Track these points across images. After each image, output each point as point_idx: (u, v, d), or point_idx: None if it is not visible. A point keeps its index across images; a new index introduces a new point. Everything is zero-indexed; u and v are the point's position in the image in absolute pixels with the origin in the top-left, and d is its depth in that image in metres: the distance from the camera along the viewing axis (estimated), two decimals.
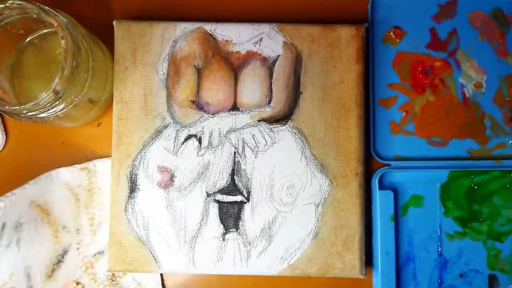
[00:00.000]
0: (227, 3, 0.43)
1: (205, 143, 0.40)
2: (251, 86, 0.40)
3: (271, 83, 0.40)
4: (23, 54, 0.39)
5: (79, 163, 0.42)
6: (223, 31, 0.40)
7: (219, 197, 0.39)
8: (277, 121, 0.40)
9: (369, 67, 0.42)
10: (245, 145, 0.39)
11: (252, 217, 0.39)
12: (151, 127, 0.40)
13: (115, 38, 0.40)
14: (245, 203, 0.39)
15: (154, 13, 0.43)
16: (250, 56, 0.40)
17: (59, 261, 0.41)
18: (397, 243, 0.41)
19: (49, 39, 0.39)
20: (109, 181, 0.40)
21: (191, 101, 0.40)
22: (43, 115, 0.34)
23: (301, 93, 0.40)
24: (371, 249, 0.42)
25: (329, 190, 0.39)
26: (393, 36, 0.42)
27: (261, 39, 0.40)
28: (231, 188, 0.39)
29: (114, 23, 0.40)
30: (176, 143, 0.40)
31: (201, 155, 0.39)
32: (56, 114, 0.35)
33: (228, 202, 0.39)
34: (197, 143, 0.40)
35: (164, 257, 0.39)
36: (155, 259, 0.39)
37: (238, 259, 0.39)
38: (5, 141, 0.43)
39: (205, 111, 0.40)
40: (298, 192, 0.39)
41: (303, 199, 0.39)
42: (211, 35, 0.40)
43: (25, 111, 0.33)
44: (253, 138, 0.40)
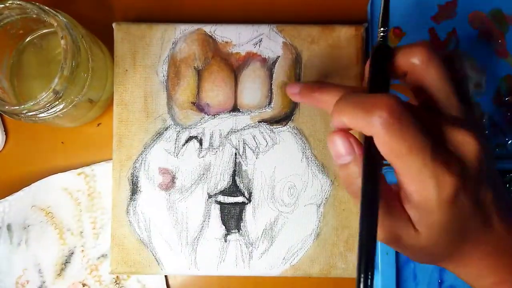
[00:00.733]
0: (226, 5, 0.43)
1: (206, 144, 0.39)
2: (251, 87, 0.40)
3: (271, 84, 0.40)
4: (23, 54, 0.39)
5: (75, 168, 0.42)
6: (223, 33, 0.40)
7: (221, 198, 0.39)
8: (277, 122, 0.40)
9: None
10: (246, 146, 0.39)
11: (253, 218, 0.39)
12: (152, 129, 0.40)
13: (115, 40, 0.40)
14: (247, 204, 0.39)
15: (154, 14, 0.43)
16: (250, 57, 0.40)
17: (67, 262, 0.41)
18: None
19: (49, 39, 0.39)
20: (109, 185, 0.40)
21: (192, 103, 0.40)
22: (43, 115, 0.34)
23: None
24: None
25: (330, 190, 0.39)
26: (393, 36, 0.42)
27: (260, 40, 0.40)
28: (233, 189, 0.39)
29: (113, 25, 0.40)
30: (177, 145, 0.39)
31: (202, 157, 0.39)
32: (56, 114, 0.34)
33: (229, 203, 0.39)
34: (198, 144, 0.39)
35: (166, 258, 0.39)
36: (157, 261, 0.39)
37: (240, 260, 0.39)
38: (5, 141, 0.43)
39: (205, 113, 0.40)
40: (299, 192, 0.39)
41: (304, 199, 0.39)
42: (210, 37, 0.40)
43: (25, 111, 0.33)
44: (254, 139, 0.40)
